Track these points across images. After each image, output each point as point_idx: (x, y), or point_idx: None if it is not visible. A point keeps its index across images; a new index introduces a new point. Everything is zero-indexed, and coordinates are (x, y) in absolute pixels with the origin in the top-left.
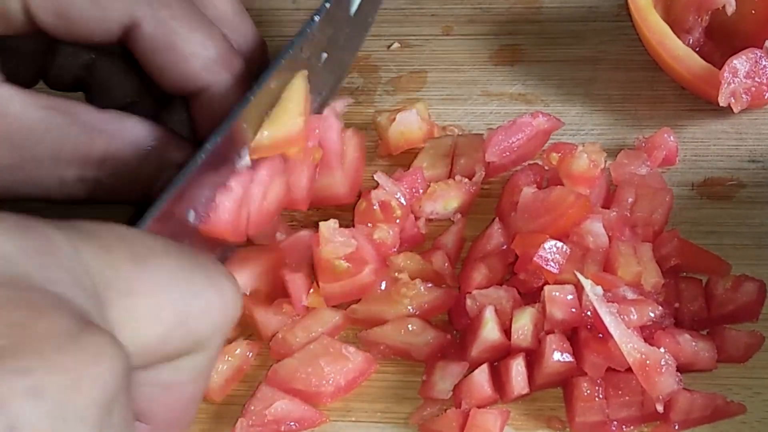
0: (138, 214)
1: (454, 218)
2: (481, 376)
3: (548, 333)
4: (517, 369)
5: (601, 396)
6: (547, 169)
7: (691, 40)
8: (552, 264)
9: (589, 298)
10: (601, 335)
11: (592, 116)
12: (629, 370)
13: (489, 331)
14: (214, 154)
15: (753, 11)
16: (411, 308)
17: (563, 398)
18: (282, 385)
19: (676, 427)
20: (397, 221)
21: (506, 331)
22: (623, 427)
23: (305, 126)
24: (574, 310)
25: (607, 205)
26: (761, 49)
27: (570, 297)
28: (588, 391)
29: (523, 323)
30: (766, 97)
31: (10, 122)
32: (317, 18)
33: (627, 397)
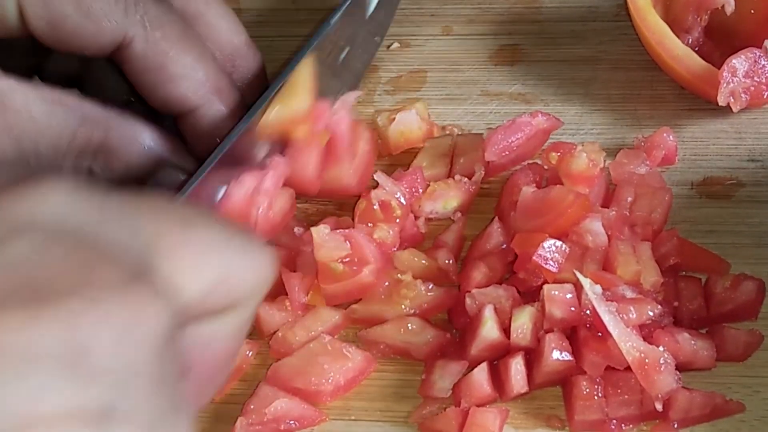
0: None
1: (454, 217)
2: (481, 374)
3: (547, 332)
4: (517, 368)
5: (600, 394)
6: (547, 168)
7: (690, 40)
8: (551, 263)
9: (588, 297)
10: (600, 334)
11: (592, 116)
12: (628, 368)
13: (488, 330)
14: (234, 147)
15: (752, 11)
16: (411, 308)
17: (562, 397)
18: (282, 384)
19: (675, 425)
20: (397, 221)
21: (505, 329)
22: (622, 425)
23: (312, 106)
24: (573, 308)
25: (606, 204)
26: (760, 48)
27: (569, 296)
28: (587, 390)
29: (523, 322)
30: (765, 96)
31: (12, 116)
32: (336, 17)
33: (626, 396)
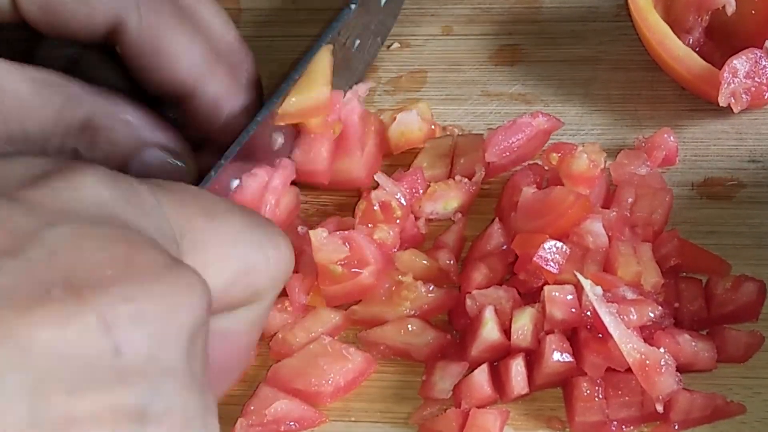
0: None
1: (455, 218)
2: (481, 376)
3: (548, 333)
4: (517, 369)
5: (600, 396)
6: (547, 169)
7: (691, 40)
8: (552, 264)
9: (588, 298)
10: (600, 335)
11: (592, 116)
12: (629, 370)
13: (489, 331)
14: (252, 138)
15: (753, 11)
16: (411, 310)
17: (563, 398)
18: (282, 385)
19: (676, 427)
20: (398, 221)
21: (506, 331)
22: (623, 427)
23: (330, 96)
24: (573, 310)
25: (607, 205)
26: (761, 49)
27: (570, 297)
28: (588, 391)
29: (523, 323)
30: (766, 97)
31: (1, 96)
32: (354, 4)
33: (627, 397)
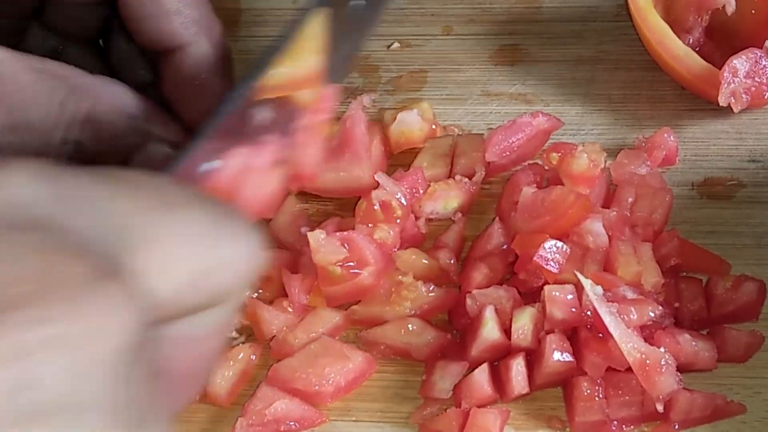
0: None
1: (455, 218)
2: (481, 375)
3: (548, 333)
4: (517, 369)
5: (601, 396)
6: (547, 168)
7: (691, 40)
8: (552, 264)
9: (589, 297)
10: (601, 335)
11: (592, 116)
12: (629, 369)
13: (489, 331)
14: (231, 113)
15: (753, 11)
16: (412, 309)
17: (563, 398)
18: (282, 385)
19: (676, 426)
20: (398, 221)
21: (506, 330)
22: (623, 426)
23: (321, 65)
24: (574, 309)
25: (607, 204)
26: (761, 49)
27: (570, 297)
28: (588, 391)
29: (523, 323)
30: (766, 97)
31: (2, 85)
32: None
33: (627, 397)
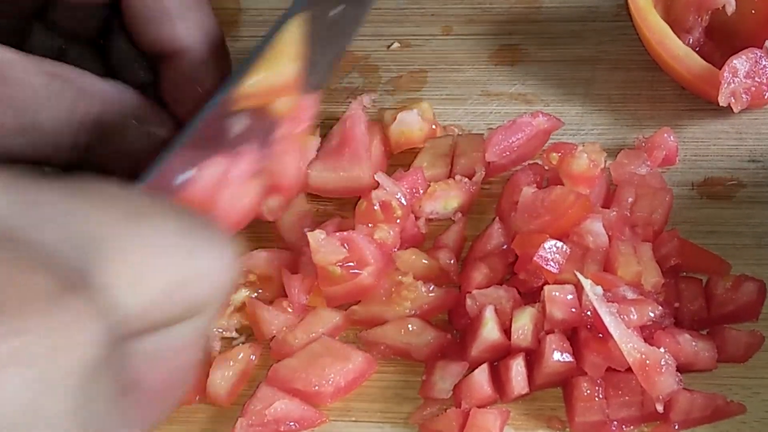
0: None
1: (455, 218)
2: (481, 375)
3: (548, 333)
4: (517, 369)
5: (601, 396)
6: (547, 168)
7: (691, 40)
8: (552, 264)
9: (589, 297)
10: (601, 335)
11: (592, 116)
12: (629, 370)
13: (489, 331)
14: (207, 121)
15: (753, 11)
16: (411, 309)
17: (563, 398)
18: (282, 385)
19: (676, 426)
20: (398, 221)
21: (506, 330)
22: (623, 426)
23: (299, 72)
24: (574, 309)
25: (607, 204)
26: (761, 49)
27: (570, 297)
28: (588, 391)
29: (523, 323)
30: (766, 97)
31: (12, 87)
32: None
33: (627, 397)
